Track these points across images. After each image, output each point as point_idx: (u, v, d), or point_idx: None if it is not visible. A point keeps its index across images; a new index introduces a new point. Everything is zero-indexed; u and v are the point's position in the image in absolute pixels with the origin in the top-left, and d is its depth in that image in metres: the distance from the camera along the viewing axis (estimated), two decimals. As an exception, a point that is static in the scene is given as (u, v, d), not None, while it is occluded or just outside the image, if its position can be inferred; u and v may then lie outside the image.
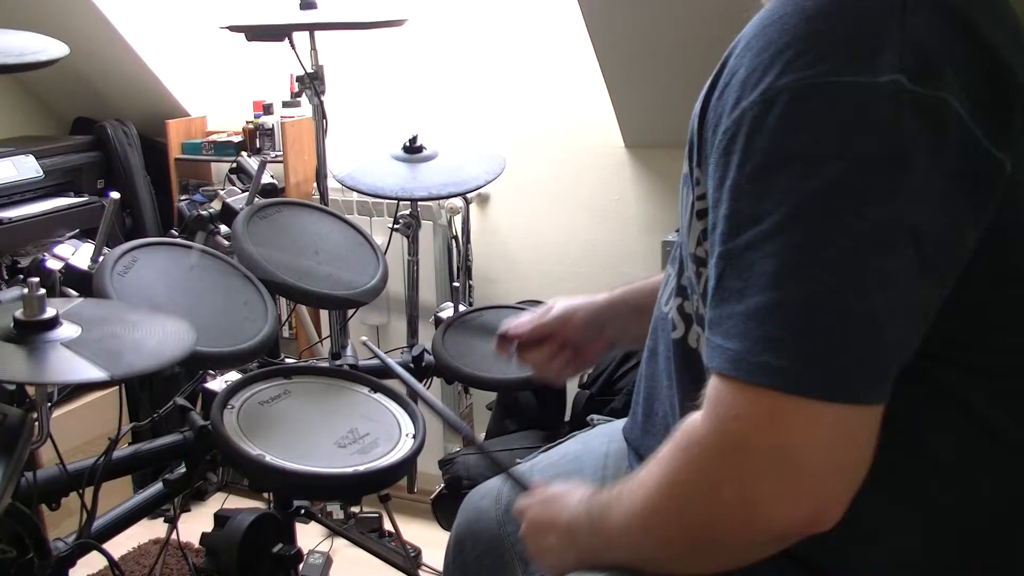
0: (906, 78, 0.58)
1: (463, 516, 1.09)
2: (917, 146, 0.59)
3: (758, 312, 0.61)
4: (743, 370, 0.61)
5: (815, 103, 0.60)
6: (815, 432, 0.60)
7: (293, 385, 1.37)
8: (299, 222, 1.62)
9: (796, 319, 0.60)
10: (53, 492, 1.23)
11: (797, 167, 0.60)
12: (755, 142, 0.62)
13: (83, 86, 2.60)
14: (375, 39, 2.31)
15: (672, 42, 1.82)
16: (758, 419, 0.61)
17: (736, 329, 0.62)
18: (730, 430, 0.62)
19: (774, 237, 0.60)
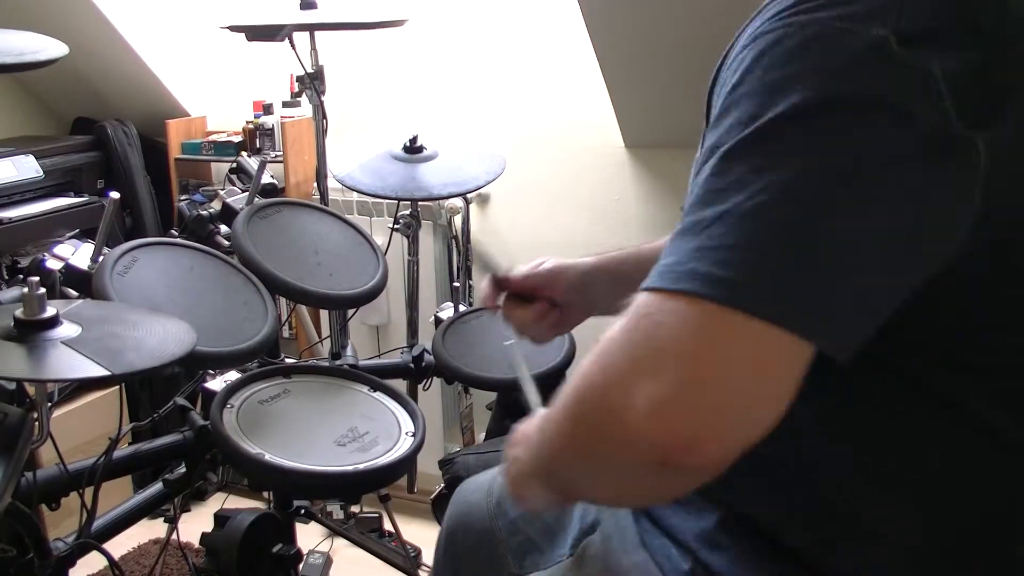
0: (896, 39, 0.57)
1: (454, 509, 1.08)
2: (891, 102, 0.57)
3: (696, 224, 0.58)
4: (667, 279, 0.58)
5: (795, 40, 0.59)
6: (723, 344, 0.55)
7: (292, 384, 1.38)
8: (299, 222, 1.62)
9: (735, 230, 0.57)
10: (53, 492, 1.24)
11: (762, 97, 0.59)
12: (735, 76, 0.61)
13: (83, 86, 2.60)
14: (375, 39, 2.31)
15: (672, 42, 1.82)
16: (666, 319, 0.57)
17: (672, 246, 0.60)
18: (637, 325, 0.59)
19: (732, 161, 0.59)
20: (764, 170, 0.57)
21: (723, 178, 0.59)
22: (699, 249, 0.58)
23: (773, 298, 0.56)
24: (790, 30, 0.59)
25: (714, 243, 0.57)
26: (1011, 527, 0.71)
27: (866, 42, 0.57)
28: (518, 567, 0.98)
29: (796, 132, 0.58)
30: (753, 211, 0.57)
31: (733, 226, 0.57)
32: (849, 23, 0.58)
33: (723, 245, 0.57)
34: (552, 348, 1.60)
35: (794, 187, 0.56)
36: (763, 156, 0.58)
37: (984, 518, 0.70)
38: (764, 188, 0.57)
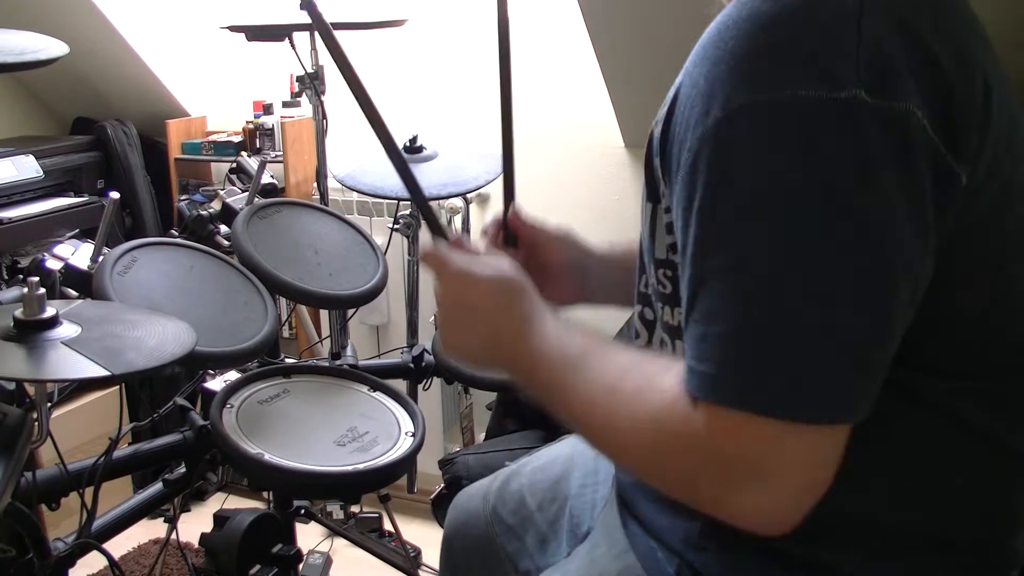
0: (865, 91, 0.57)
1: (452, 516, 1.09)
2: (883, 160, 0.58)
3: (729, 335, 0.61)
4: (718, 393, 0.62)
5: (777, 121, 0.59)
6: (786, 453, 0.61)
7: (292, 384, 1.38)
8: (299, 222, 1.62)
9: (766, 342, 0.60)
10: (53, 492, 1.23)
11: (762, 187, 0.60)
12: (719, 162, 0.61)
13: (83, 86, 2.60)
14: (375, 39, 2.31)
15: (672, 42, 1.82)
16: (735, 438, 0.62)
17: (708, 352, 0.62)
18: (712, 443, 0.63)
19: (743, 259, 0.60)
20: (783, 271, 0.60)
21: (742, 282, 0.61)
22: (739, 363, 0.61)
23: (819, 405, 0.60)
24: (759, 117, 0.60)
25: (750, 357, 0.61)
26: (1009, 527, 0.72)
27: (837, 107, 0.58)
28: (516, 573, 0.98)
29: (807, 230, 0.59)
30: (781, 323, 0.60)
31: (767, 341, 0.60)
32: (816, 89, 0.58)
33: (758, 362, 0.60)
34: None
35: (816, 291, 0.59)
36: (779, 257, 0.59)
37: (978, 518, 0.71)
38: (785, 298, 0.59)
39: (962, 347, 0.67)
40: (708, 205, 0.62)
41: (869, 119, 0.58)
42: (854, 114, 0.58)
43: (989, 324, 0.67)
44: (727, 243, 0.61)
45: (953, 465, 0.69)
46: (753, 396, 0.60)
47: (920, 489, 0.69)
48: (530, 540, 0.99)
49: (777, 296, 0.59)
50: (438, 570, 1.11)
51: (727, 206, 0.61)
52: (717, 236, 0.62)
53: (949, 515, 0.70)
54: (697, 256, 0.63)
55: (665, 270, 0.75)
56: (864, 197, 0.58)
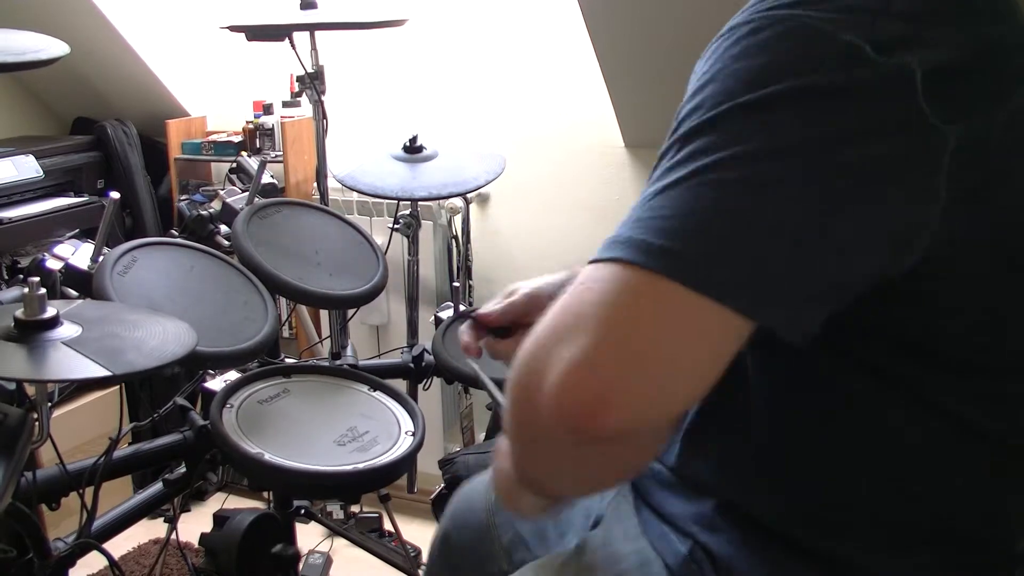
0: (871, 47, 0.57)
1: (451, 509, 1.08)
2: (854, 92, 0.57)
3: (644, 198, 0.58)
4: (602, 249, 0.57)
5: (769, 32, 0.59)
6: (646, 309, 0.54)
7: (292, 384, 1.38)
8: (299, 222, 1.62)
9: (674, 202, 0.56)
10: (53, 492, 1.24)
11: (727, 83, 0.58)
12: (705, 65, 0.61)
13: (83, 86, 2.60)
14: (375, 39, 2.31)
15: (672, 42, 1.82)
16: (593, 285, 0.56)
17: (622, 224, 0.59)
18: (570, 296, 0.57)
19: (688, 140, 0.58)
20: (716, 149, 0.57)
21: (674, 157, 0.59)
22: (638, 220, 0.57)
23: (706, 268, 0.54)
24: (764, 22, 0.59)
25: (652, 213, 0.57)
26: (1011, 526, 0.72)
27: (840, 44, 0.57)
28: (508, 563, 0.98)
29: (754, 115, 0.57)
30: (697, 185, 0.56)
31: (674, 197, 0.57)
32: (826, 24, 0.58)
33: (661, 215, 0.56)
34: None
35: (742, 164, 0.56)
36: (715, 136, 0.57)
37: (979, 517, 0.71)
38: (712, 165, 0.56)
39: (964, 345, 0.67)
40: (697, 88, 0.61)
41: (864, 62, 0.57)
42: (848, 54, 0.57)
43: (991, 323, 0.67)
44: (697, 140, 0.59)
45: (953, 464, 0.69)
46: (640, 249, 0.56)
47: (922, 487, 0.69)
48: (527, 531, 0.99)
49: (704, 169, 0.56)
50: (428, 562, 1.10)
51: (696, 97, 0.60)
52: (673, 131, 0.60)
53: (951, 513, 0.70)
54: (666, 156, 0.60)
55: None
56: (832, 121, 0.56)
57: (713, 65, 0.61)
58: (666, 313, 0.55)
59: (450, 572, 1.04)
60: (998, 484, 0.71)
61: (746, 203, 0.56)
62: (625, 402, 0.54)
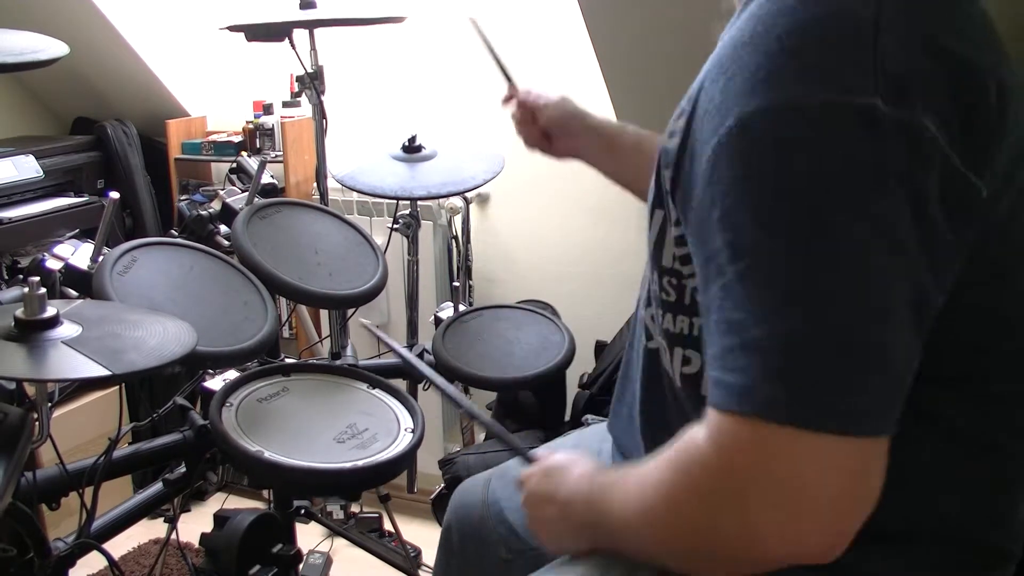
0: (882, 101, 0.57)
1: (452, 504, 1.09)
2: (897, 168, 0.58)
3: (760, 344, 0.59)
4: (747, 404, 0.59)
5: (792, 128, 0.59)
6: (826, 467, 0.58)
7: (291, 382, 1.38)
8: (299, 222, 1.62)
9: (800, 350, 0.58)
10: (53, 492, 1.24)
11: (780, 194, 0.59)
12: (736, 170, 0.61)
13: (83, 86, 2.60)
14: (375, 39, 2.31)
15: (672, 43, 1.82)
16: (765, 453, 0.59)
17: (738, 363, 0.60)
18: (734, 461, 0.60)
19: (770, 266, 0.60)
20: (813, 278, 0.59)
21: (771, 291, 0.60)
22: (773, 373, 0.59)
23: (861, 416, 0.58)
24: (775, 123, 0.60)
25: (784, 366, 0.59)
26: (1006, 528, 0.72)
27: (854, 114, 0.58)
28: (507, 551, 0.98)
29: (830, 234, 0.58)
30: (817, 330, 0.58)
31: (801, 349, 0.58)
32: (832, 93, 0.58)
33: (793, 370, 0.58)
34: (551, 348, 1.60)
35: (849, 296, 0.58)
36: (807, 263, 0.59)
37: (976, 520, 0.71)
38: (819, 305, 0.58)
39: (964, 352, 0.67)
40: (726, 216, 0.62)
41: (885, 124, 0.58)
42: (870, 118, 0.58)
43: (991, 330, 0.67)
44: (746, 254, 0.60)
45: (952, 468, 0.70)
46: (788, 405, 0.58)
47: (920, 490, 0.70)
48: (518, 523, 0.99)
49: (808, 305, 0.58)
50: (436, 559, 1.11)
51: (744, 216, 0.60)
52: (738, 246, 0.61)
53: (954, 516, 0.71)
54: (720, 268, 0.62)
55: (670, 278, 0.74)
56: (884, 205, 0.58)
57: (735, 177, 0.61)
58: (845, 463, 0.59)
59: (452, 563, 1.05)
60: (997, 487, 0.71)
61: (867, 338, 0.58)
62: (842, 537, 0.60)
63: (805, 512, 0.59)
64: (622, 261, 2.23)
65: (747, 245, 0.60)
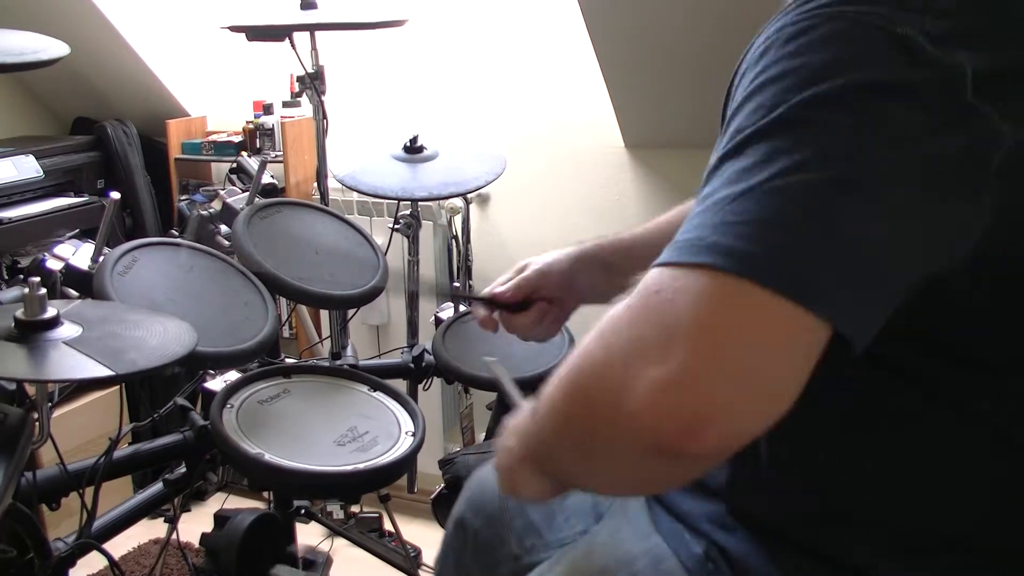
0: (924, 38, 0.57)
1: (466, 494, 1.07)
2: (916, 90, 0.56)
3: (719, 201, 0.56)
4: (685, 253, 0.55)
5: (823, 30, 0.58)
6: (740, 319, 0.53)
7: (292, 384, 1.38)
8: (299, 222, 1.62)
9: (761, 207, 0.54)
10: (53, 492, 1.24)
11: (789, 81, 0.58)
12: (759, 66, 0.60)
13: (83, 86, 2.60)
14: (375, 39, 2.31)
15: (672, 42, 1.82)
16: (679, 295, 0.54)
17: (692, 223, 0.57)
18: (646, 303, 0.56)
19: (753, 141, 0.57)
20: (790, 151, 0.56)
21: (747, 159, 0.57)
22: (723, 223, 0.55)
23: (797, 273, 0.53)
24: (816, 21, 0.59)
25: (738, 218, 0.55)
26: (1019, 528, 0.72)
27: (893, 38, 0.57)
28: (519, 547, 0.98)
29: (821, 115, 0.56)
30: (780, 188, 0.55)
31: (758, 201, 0.55)
32: (877, 19, 0.57)
33: (748, 220, 0.54)
34: (552, 348, 1.60)
35: (820, 166, 0.55)
36: (788, 138, 0.56)
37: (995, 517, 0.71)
38: (790, 167, 0.55)
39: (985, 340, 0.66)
40: (737, 105, 0.60)
41: (921, 54, 0.56)
42: (905, 50, 0.56)
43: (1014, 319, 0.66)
44: (741, 131, 0.59)
45: (976, 470, 0.69)
46: (729, 255, 0.54)
47: (942, 493, 0.69)
48: (537, 516, 0.99)
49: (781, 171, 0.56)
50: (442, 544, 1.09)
51: (753, 97, 0.59)
52: (735, 129, 0.59)
53: (971, 520, 0.70)
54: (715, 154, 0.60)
55: None
56: (901, 123, 0.56)
57: (769, 65, 0.60)
58: (763, 324, 0.53)
59: (464, 555, 1.04)
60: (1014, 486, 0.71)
61: (833, 206, 0.54)
62: (726, 420, 0.53)
63: (705, 366, 0.52)
64: (622, 261, 2.23)
65: (743, 126, 0.59)
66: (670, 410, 0.52)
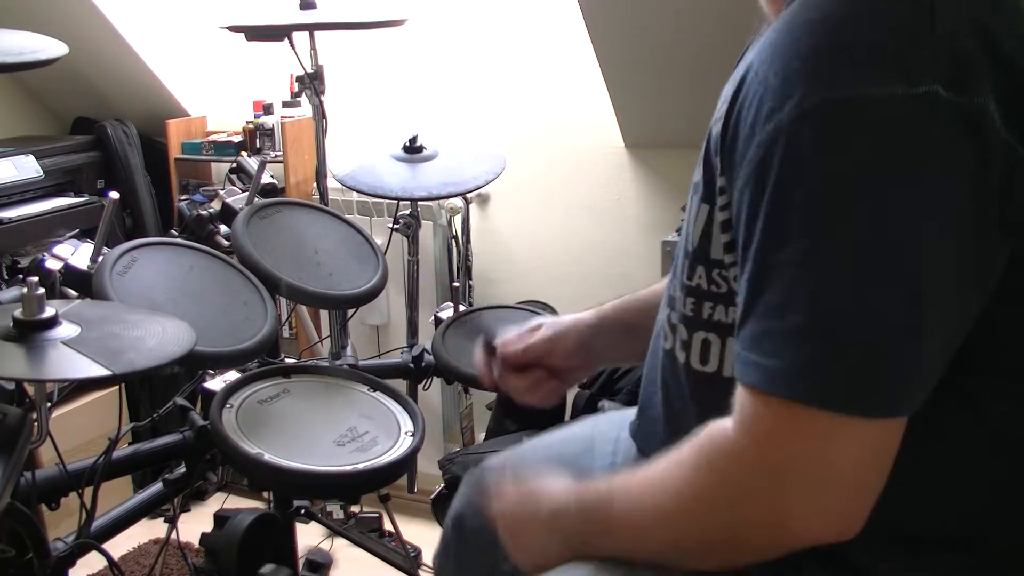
0: (942, 87, 0.58)
1: (464, 490, 1.08)
2: (958, 155, 0.58)
3: (800, 331, 0.61)
4: (783, 387, 0.61)
5: (851, 118, 0.60)
6: (854, 450, 0.61)
7: (292, 384, 1.38)
8: (299, 222, 1.62)
9: (838, 339, 0.60)
10: (53, 492, 1.24)
11: (836, 185, 0.60)
12: (793, 158, 0.61)
13: (83, 86, 2.60)
14: (375, 39, 2.31)
15: (672, 42, 1.82)
16: (797, 436, 0.61)
17: (775, 347, 0.62)
18: (765, 446, 0.63)
19: (816, 256, 0.61)
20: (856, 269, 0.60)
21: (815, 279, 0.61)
22: (810, 360, 0.60)
23: (889, 400, 0.61)
24: (834, 113, 0.60)
25: (821, 354, 0.60)
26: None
27: (915, 104, 0.58)
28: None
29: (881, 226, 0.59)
30: (854, 320, 0.60)
31: (839, 338, 0.60)
32: (893, 86, 0.58)
33: (830, 358, 0.60)
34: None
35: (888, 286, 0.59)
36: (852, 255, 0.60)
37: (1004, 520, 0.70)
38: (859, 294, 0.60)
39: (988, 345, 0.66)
40: (779, 200, 0.62)
41: (946, 113, 0.58)
42: (931, 108, 0.58)
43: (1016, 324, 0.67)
44: (798, 238, 0.61)
45: (965, 466, 0.69)
46: (824, 391, 0.60)
47: (933, 489, 0.69)
48: None
49: (849, 294, 0.60)
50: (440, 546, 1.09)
51: (799, 202, 0.61)
52: (787, 231, 0.62)
53: (978, 522, 0.70)
54: (764, 250, 0.63)
55: (720, 270, 0.74)
56: (940, 192, 0.59)
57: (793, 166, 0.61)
58: (873, 444, 0.62)
59: (464, 552, 1.04)
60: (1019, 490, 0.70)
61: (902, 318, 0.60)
62: (865, 513, 0.63)
63: (833, 490, 0.62)
64: (622, 262, 2.23)
65: (795, 232, 0.61)
66: (833, 530, 0.63)
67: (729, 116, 0.68)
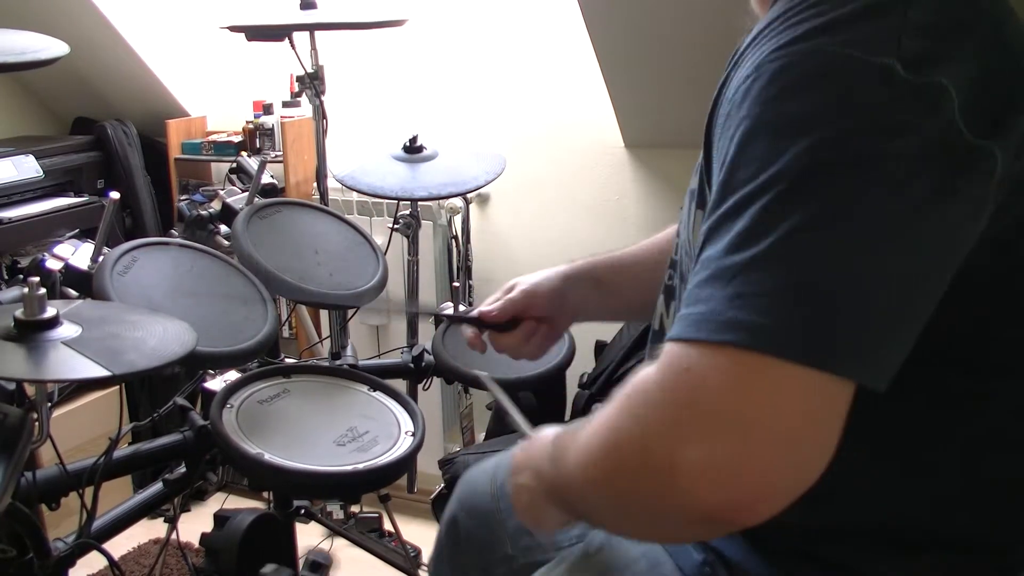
0: (901, 65, 0.57)
1: (458, 494, 1.08)
2: (905, 128, 0.57)
3: (728, 271, 0.57)
4: (704, 329, 0.56)
5: (803, 69, 0.58)
6: (774, 398, 0.54)
7: (292, 384, 1.38)
8: (299, 222, 1.62)
9: (772, 276, 0.55)
10: (53, 492, 1.24)
11: (779, 133, 0.58)
12: (743, 110, 0.60)
13: (83, 86, 2.60)
14: (375, 39, 2.31)
15: (672, 42, 1.82)
16: (714, 375, 0.55)
17: (703, 293, 0.58)
18: (677, 382, 0.57)
19: (752, 202, 0.57)
20: (789, 213, 0.56)
21: (747, 220, 0.58)
22: (737, 296, 0.56)
23: (818, 342, 0.55)
24: (795, 59, 0.59)
25: (750, 289, 0.56)
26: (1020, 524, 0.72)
27: (872, 70, 0.57)
28: (513, 547, 0.98)
29: (816, 172, 0.57)
30: (785, 255, 0.56)
31: (767, 270, 0.56)
32: (853, 50, 0.58)
33: (760, 292, 0.55)
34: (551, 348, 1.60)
35: (822, 227, 0.56)
36: (787, 197, 0.57)
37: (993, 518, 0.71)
38: (793, 230, 0.56)
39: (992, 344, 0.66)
40: (728, 156, 0.61)
41: (898, 88, 0.57)
42: (883, 80, 0.57)
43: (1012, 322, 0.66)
44: (736, 190, 0.59)
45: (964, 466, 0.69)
46: (749, 330, 0.55)
47: (932, 489, 0.69)
48: None
49: (786, 235, 0.56)
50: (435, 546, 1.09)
51: (742, 153, 0.59)
52: (730, 184, 0.59)
53: (966, 520, 0.70)
54: (710, 210, 0.61)
55: None
56: (885, 159, 0.56)
57: (753, 111, 0.60)
58: (795, 396, 0.55)
59: (458, 555, 1.05)
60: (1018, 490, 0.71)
61: (843, 266, 0.55)
62: (774, 493, 0.55)
63: (751, 447, 0.54)
64: (622, 261, 2.23)
65: (737, 183, 0.59)
66: (722, 489, 0.55)
67: (714, 109, 0.68)
